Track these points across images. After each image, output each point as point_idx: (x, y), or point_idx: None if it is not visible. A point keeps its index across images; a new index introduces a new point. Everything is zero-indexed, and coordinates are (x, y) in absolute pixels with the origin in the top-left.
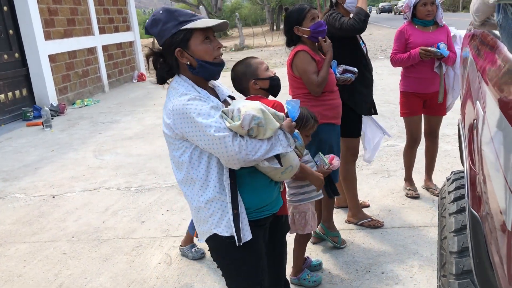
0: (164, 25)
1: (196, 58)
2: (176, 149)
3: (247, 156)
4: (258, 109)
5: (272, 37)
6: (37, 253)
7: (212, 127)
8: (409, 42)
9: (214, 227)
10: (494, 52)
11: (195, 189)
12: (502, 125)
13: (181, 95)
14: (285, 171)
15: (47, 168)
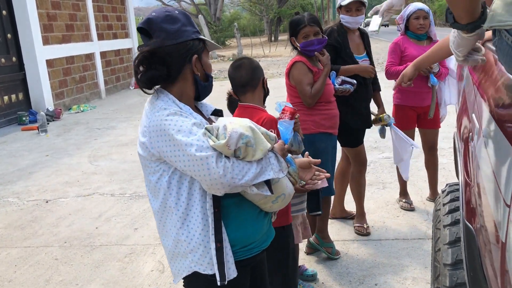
0: (183, 26)
1: (206, 72)
2: (152, 172)
3: (233, 180)
4: (247, 127)
5: (270, 47)
6: (28, 258)
7: (193, 145)
8: (405, 55)
9: (195, 264)
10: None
11: (173, 220)
12: (497, 138)
13: (159, 109)
14: (277, 200)
15: (41, 172)
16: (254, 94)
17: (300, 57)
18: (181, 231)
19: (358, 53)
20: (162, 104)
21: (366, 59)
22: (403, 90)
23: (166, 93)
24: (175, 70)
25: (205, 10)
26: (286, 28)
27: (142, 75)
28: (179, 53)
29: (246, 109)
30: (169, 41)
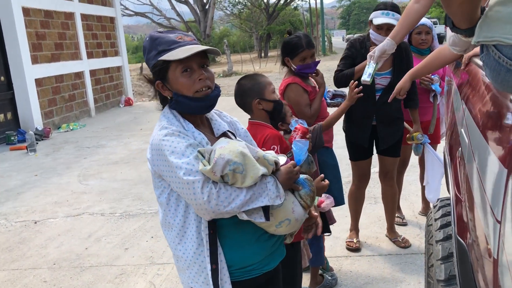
0: (148, 54)
1: (174, 92)
2: (156, 187)
3: (217, 207)
4: (238, 153)
5: (260, 63)
6: (16, 281)
7: (182, 168)
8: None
9: (191, 281)
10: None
11: (172, 235)
12: (485, 153)
13: (161, 128)
14: (280, 225)
15: (29, 193)
16: (253, 115)
17: (294, 78)
18: (179, 247)
19: (379, 70)
20: (165, 123)
21: (387, 77)
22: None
23: (171, 110)
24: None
25: (194, 27)
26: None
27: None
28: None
29: (252, 125)
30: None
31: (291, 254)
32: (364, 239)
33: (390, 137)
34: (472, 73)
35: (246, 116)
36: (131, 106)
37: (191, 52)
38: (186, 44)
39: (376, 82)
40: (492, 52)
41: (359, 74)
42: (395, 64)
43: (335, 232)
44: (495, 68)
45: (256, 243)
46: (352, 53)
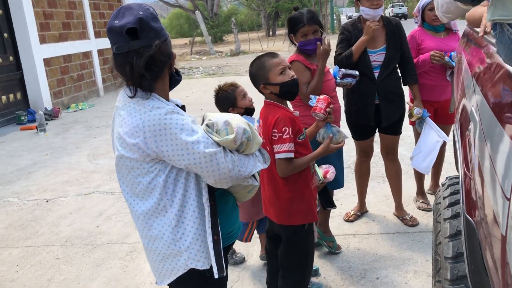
0: (161, 24)
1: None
2: (144, 173)
3: (240, 173)
4: (246, 123)
5: (268, 42)
6: (30, 258)
7: (200, 142)
8: (422, 48)
9: (191, 261)
10: (488, 58)
11: (166, 219)
12: (496, 131)
13: (153, 108)
14: (252, 190)
15: (40, 172)
16: (267, 92)
17: (297, 56)
18: (176, 229)
19: (374, 47)
20: (154, 103)
21: (382, 53)
22: (420, 84)
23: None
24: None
25: (202, 5)
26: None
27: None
28: (165, 52)
29: (267, 105)
30: (158, 39)
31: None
32: (372, 217)
33: (392, 114)
34: (483, 50)
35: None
36: None
37: None
38: None
39: (372, 60)
40: (507, 31)
41: (358, 52)
42: (389, 39)
43: (342, 210)
44: (509, 46)
45: (235, 210)
46: (346, 36)
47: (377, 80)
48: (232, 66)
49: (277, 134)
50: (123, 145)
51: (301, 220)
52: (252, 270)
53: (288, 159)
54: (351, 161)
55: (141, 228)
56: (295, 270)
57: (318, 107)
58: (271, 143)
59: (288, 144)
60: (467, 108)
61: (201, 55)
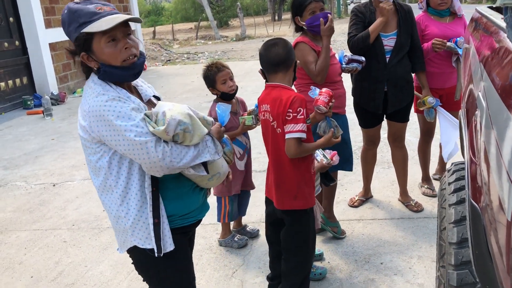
0: (68, 27)
1: (101, 63)
2: (93, 153)
3: (171, 163)
4: (185, 114)
5: (274, 27)
6: (37, 241)
7: (132, 131)
8: (426, 34)
9: (134, 239)
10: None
11: (113, 197)
12: (503, 116)
13: (98, 95)
14: (212, 178)
15: (47, 156)
16: (285, 75)
17: (303, 38)
18: (121, 208)
19: (385, 31)
20: (100, 90)
21: (393, 37)
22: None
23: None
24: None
25: None
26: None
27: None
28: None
29: (274, 88)
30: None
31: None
32: (376, 203)
33: (399, 101)
34: (492, 35)
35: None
36: (145, 70)
37: (114, 22)
38: (107, 14)
39: (384, 44)
40: None
41: (375, 33)
42: (401, 25)
43: (347, 196)
44: None
45: (193, 194)
46: (361, 18)
47: (388, 65)
48: (237, 51)
49: (291, 114)
50: (79, 125)
51: (305, 204)
52: (257, 254)
53: (298, 140)
54: (357, 146)
55: (100, 199)
56: (299, 253)
57: (321, 100)
58: (284, 124)
59: (302, 124)
60: (474, 94)
61: (207, 40)
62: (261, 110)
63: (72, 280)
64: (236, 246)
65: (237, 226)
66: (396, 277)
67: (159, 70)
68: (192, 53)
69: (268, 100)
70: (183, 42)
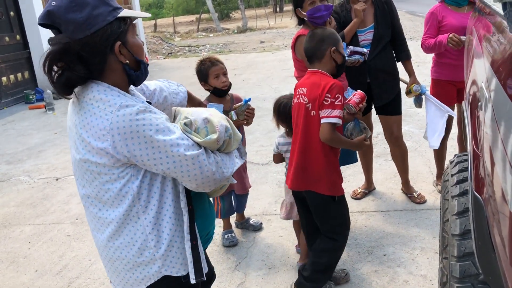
0: (93, 10)
1: (136, 57)
2: (113, 180)
3: (223, 174)
4: (225, 118)
5: (275, 19)
6: (41, 235)
7: (180, 145)
8: (443, 25)
9: (166, 269)
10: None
11: (140, 226)
12: (506, 107)
13: (121, 107)
14: (224, 186)
15: (50, 151)
16: (322, 65)
17: (304, 30)
18: (150, 237)
19: (362, 26)
20: (119, 101)
21: (370, 31)
22: (441, 63)
23: (107, 85)
24: (96, 65)
25: None
26: None
27: (56, 80)
28: (96, 45)
29: (314, 73)
30: (80, 33)
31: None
32: (379, 195)
33: (385, 93)
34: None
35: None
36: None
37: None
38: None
39: (361, 39)
40: None
41: (350, 35)
42: (377, 17)
43: (350, 188)
44: None
45: (210, 209)
46: (336, 18)
47: (368, 58)
48: (239, 43)
49: (329, 99)
50: (87, 148)
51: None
52: (260, 246)
53: (333, 125)
54: None
55: (109, 236)
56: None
57: (353, 100)
58: (320, 108)
59: (339, 111)
60: (478, 85)
61: (208, 32)
62: (296, 93)
63: (76, 274)
64: (224, 244)
65: (240, 219)
66: (399, 268)
67: (160, 63)
68: (194, 46)
69: (306, 84)
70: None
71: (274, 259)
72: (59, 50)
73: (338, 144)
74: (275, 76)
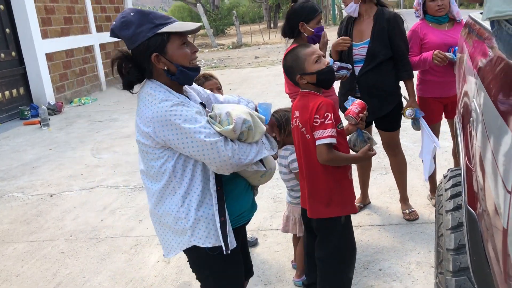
0: (137, 28)
1: (175, 63)
2: (156, 158)
3: (240, 160)
4: (247, 113)
5: (270, 34)
6: (35, 252)
7: (201, 132)
8: (425, 42)
9: (194, 239)
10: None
11: (174, 200)
12: (497, 123)
13: (161, 101)
14: (265, 174)
15: (45, 167)
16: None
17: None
18: (182, 209)
19: (359, 39)
20: (162, 96)
21: (364, 46)
22: (426, 80)
23: (159, 84)
24: (145, 70)
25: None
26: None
27: (122, 80)
28: (140, 55)
29: (303, 95)
30: (129, 46)
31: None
32: (374, 209)
33: (377, 109)
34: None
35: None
36: None
37: (195, 26)
38: (176, 20)
39: (355, 53)
40: (505, 26)
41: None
42: (374, 33)
43: None
44: (509, 42)
45: (246, 194)
46: (340, 27)
47: (357, 74)
48: (234, 58)
49: (318, 120)
50: (139, 131)
51: (339, 211)
52: (256, 262)
53: (329, 145)
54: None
55: (153, 204)
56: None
57: (352, 111)
58: (312, 130)
59: (330, 129)
60: (469, 100)
61: (203, 47)
62: (293, 116)
63: None
64: None
65: None
66: (395, 283)
67: None
68: None
69: (298, 107)
70: None
71: (269, 275)
72: (119, 57)
73: (339, 162)
74: (270, 90)
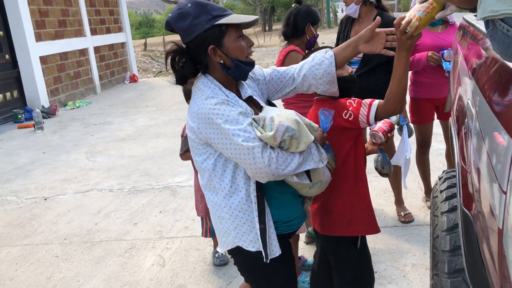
0: (194, 19)
1: (231, 57)
2: (199, 154)
3: (277, 170)
4: (293, 120)
5: (264, 37)
6: (29, 256)
7: (240, 135)
8: (417, 44)
9: (238, 240)
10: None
11: (218, 198)
12: (492, 124)
13: (207, 98)
14: (314, 186)
15: (39, 170)
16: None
17: (294, 47)
18: (225, 210)
19: None
20: (210, 92)
21: None
22: (418, 82)
23: (211, 79)
24: (200, 63)
25: None
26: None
27: (175, 73)
28: (197, 48)
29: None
30: (185, 38)
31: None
32: None
33: None
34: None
35: None
36: (136, 82)
37: (252, 18)
38: (232, 13)
39: None
40: (500, 26)
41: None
42: None
43: None
44: (504, 42)
45: (295, 201)
46: (340, 28)
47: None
48: None
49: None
50: (188, 125)
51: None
52: None
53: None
54: None
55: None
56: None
57: (381, 127)
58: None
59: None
60: (464, 101)
61: None
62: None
63: None
64: (215, 263)
65: None
66: (391, 285)
67: (150, 82)
68: None
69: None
70: None
71: None
72: (174, 50)
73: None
74: None
